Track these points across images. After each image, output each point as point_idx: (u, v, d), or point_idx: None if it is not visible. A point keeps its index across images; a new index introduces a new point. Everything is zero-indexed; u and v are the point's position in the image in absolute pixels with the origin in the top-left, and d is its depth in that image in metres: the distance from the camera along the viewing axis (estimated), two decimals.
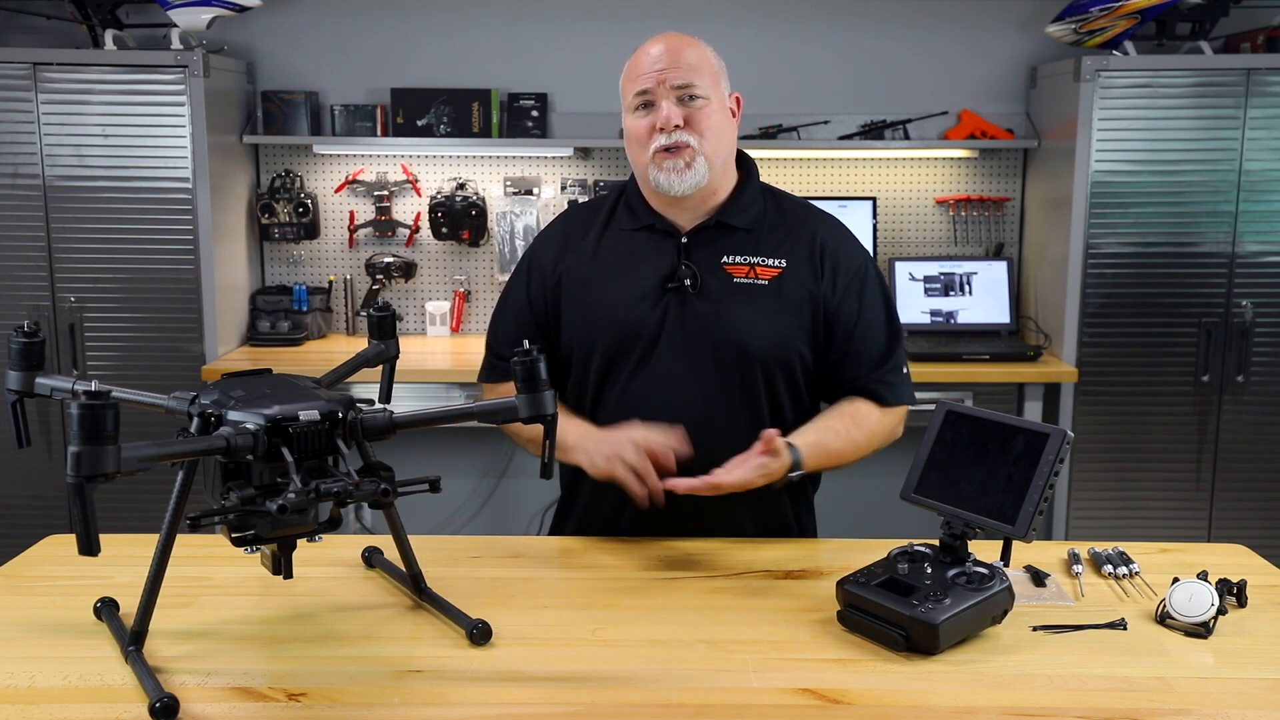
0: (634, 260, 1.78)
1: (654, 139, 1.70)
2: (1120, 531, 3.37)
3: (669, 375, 1.74)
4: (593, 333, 1.77)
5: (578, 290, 1.79)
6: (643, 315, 1.74)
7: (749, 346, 1.73)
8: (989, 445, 1.39)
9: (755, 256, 1.76)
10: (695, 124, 1.70)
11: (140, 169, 3.26)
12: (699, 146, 1.70)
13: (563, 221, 1.90)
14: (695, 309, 1.74)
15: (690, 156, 1.70)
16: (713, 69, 1.73)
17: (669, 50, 1.71)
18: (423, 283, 3.83)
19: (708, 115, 1.71)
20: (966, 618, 1.31)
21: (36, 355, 1.44)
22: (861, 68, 3.73)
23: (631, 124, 1.74)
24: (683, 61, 1.70)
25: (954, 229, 3.78)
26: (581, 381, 1.80)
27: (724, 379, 1.74)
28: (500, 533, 1.81)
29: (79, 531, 1.09)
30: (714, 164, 1.72)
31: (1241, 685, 1.24)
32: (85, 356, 3.32)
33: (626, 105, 1.75)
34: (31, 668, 1.26)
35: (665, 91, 1.70)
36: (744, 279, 1.75)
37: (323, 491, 1.16)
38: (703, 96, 1.70)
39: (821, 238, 1.79)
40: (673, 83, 1.69)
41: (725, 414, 1.74)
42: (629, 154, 1.78)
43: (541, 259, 1.84)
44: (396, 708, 1.18)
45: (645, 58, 1.72)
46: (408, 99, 3.59)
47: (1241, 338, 3.31)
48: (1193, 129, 3.24)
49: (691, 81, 1.69)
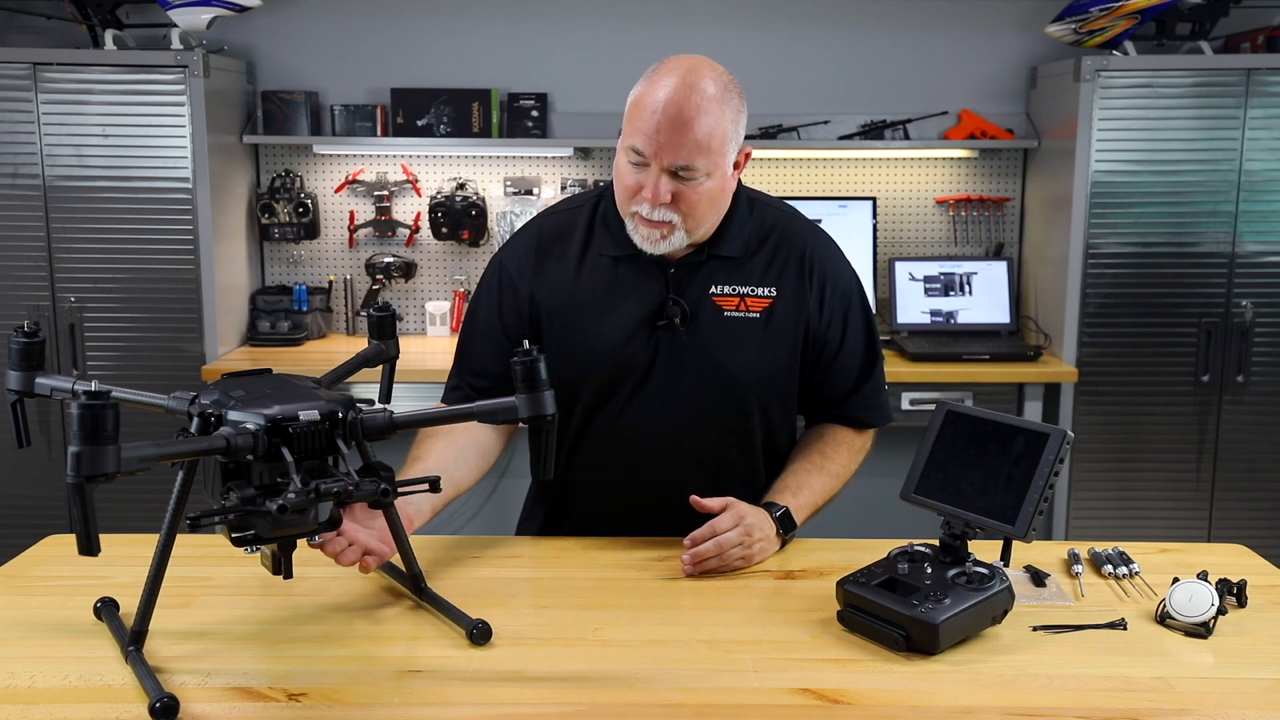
0: (620, 292, 1.69)
1: (638, 200, 1.59)
2: (1120, 531, 3.37)
3: (660, 409, 1.69)
4: (579, 369, 1.68)
5: (560, 322, 1.70)
6: (633, 354, 1.68)
7: (742, 381, 1.69)
8: (989, 445, 1.39)
9: (745, 286, 1.69)
10: (684, 202, 1.58)
11: (140, 169, 3.26)
12: (680, 224, 1.59)
13: (535, 234, 1.76)
14: (685, 344, 1.68)
15: (668, 231, 1.60)
16: (722, 137, 1.56)
17: (678, 119, 1.53)
18: (423, 283, 3.83)
19: (699, 194, 1.58)
20: (966, 618, 1.31)
21: (36, 355, 1.44)
22: (861, 68, 3.73)
23: (622, 163, 1.61)
24: (688, 139, 1.53)
25: (954, 229, 3.78)
26: (566, 413, 1.70)
27: (716, 412, 1.71)
28: (500, 533, 1.80)
29: (79, 531, 1.09)
30: (695, 233, 1.63)
31: (1241, 685, 1.24)
32: (85, 356, 3.32)
33: (622, 137, 1.61)
34: (31, 668, 1.26)
35: (660, 164, 1.56)
36: (734, 312, 1.68)
37: (323, 491, 1.16)
38: (700, 176, 1.57)
39: (810, 254, 1.72)
40: (667, 162, 1.55)
41: (717, 445, 1.73)
42: (614, 186, 1.66)
43: (514, 279, 1.74)
44: (396, 708, 1.18)
45: (651, 112, 1.54)
46: (408, 99, 3.59)
47: (1241, 338, 3.31)
48: (1193, 129, 3.24)
49: (691, 163, 1.55)
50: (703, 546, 1.55)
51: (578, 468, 1.76)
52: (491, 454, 1.73)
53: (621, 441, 1.71)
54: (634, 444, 1.71)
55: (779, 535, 1.62)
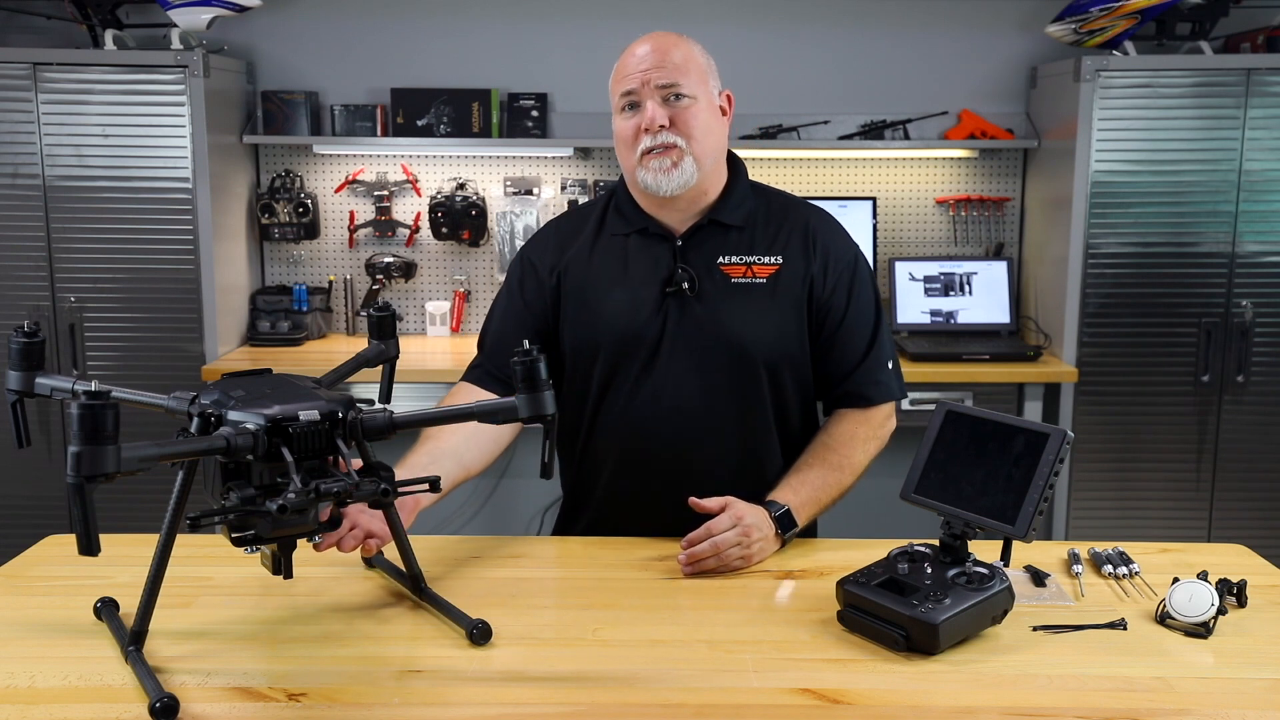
0: (630, 265, 1.77)
1: (640, 140, 1.69)
2: (1120, 531, 3.37)
3: (673, 380, 1.74)
4: (594, 339, 1.76)
5: (576, 295, 1.79)
6: (644, 321, 1.74)
7: (750, 347, 1.73)
8: (989, 445, 1.39)
9: (751, 255, 1.75)
10: (682, 124, 1.68)
11: (140, 169, 3.26)
12: (686, 147, 1.68)
13: (554, 226, 1.89)
14: (695, 312, 1.73)
15: (677, 156, 1.68)
16: (700, 67, 1.71)
17: (654, 50, 1.69)
18: (423, 283, 3.83)
19: (694, 114, 1.69)
20: (966, 618, 1.31)
21: (36, 355, 1.44)
22: (861, 68, 3.72)
23: (619, 125, 1.73)
24: (668, 61, 1.68)
25: (954, 229, 3.78)
26: (583, 386, 1.79)
27: (728, 380, 1.74)
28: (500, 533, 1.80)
29: (79, 531, 1.09)
30: (703, 163, 1.71)
31: (1241, 685, 1.24)
32: (85, 356, 3.32)
33: (614, 107, 1.74)
34: (31, 668, 1.26)
35: (650, 92, 1.68)
36: (741, 279, 1.74)
37: (323, 491, 1.16)
38: (689, 96, 1.69)
39: (813, 228, 1.79)
40: (657, 83, 1.67)
41: (731, 415, 1.75)
42: (619, 156, 1.77)
43: (535, 263, 1.83)
44: (396, 708, 1.18)
45: (631, 59, 1.71)
46: (408, 99, 3.59)
47: (1241, 338, 3.31)
48: (1193, 129, 3.24)
49: (677, 81, 1.68)
50: (699, 547, 1.55)
51: (598, 438, 1.80)
52: (504, 439, 1.76)
53: (636, 418, 1.74)
54: (648, 420, 1.73)
55: (778, 535, 1.62)
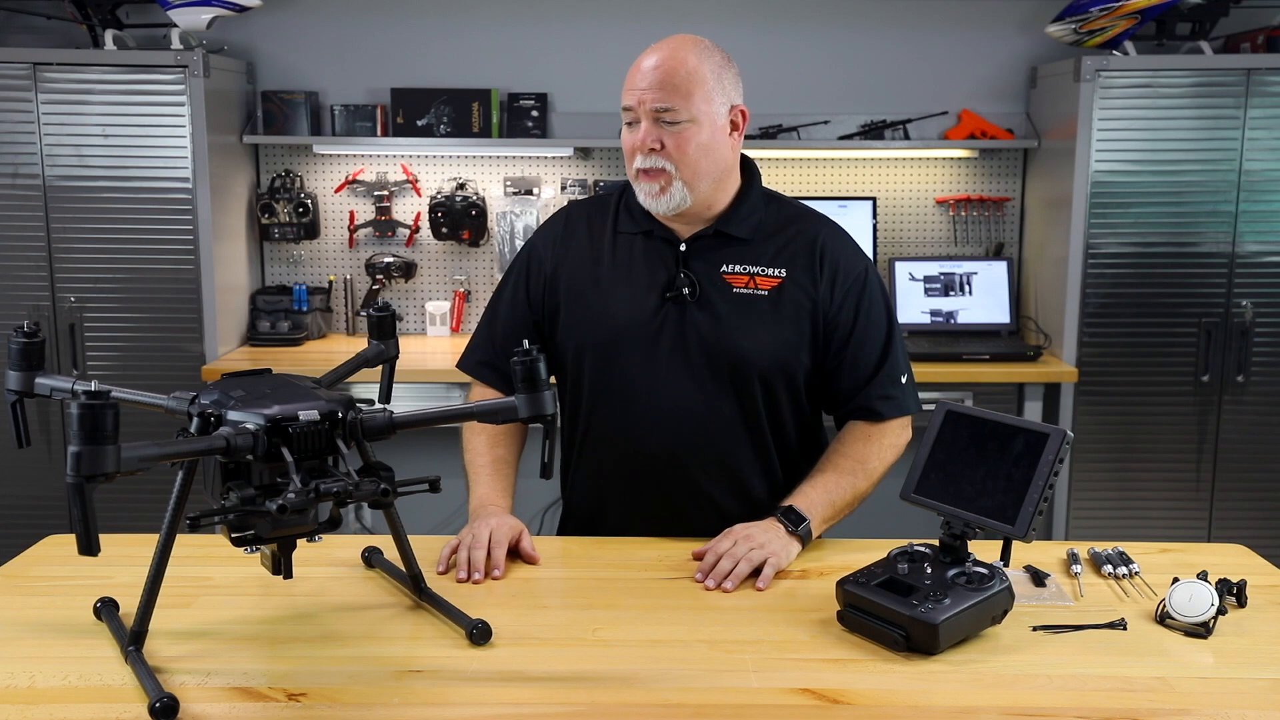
0: (633, 266, 1.76)
1: (635, 157, 1.68)
2: (1120, 531, 3.37)
3: (668, 385, 1.72)
4: (589, 336, 1.76)
5: (575, 291, 1.78)
6: (641, 323, 1.73)
7: (748, 357, 1.71)
8: (989, 445, 1.39)
9: (755, 266, 1.73)
10: (674, 148, 1.65)
11: (140, 169, 3.26)
12: (675, 172, 1.66)
13: (564, 218, 1.87)
14: (694, 318, 1.72)
15: (665, 182, 1.67)
16: (705, 85, 1.65)
17: (658, 67, 1.65)
18: (423, 283, 3.83)
19: (688, 139, 1.65)
20: (966, 618, 1.31)
21: (36, 355, 1.44)
22: (861, 68, 3.72)
23: (623, 135, 1.72)
24: (669, 82, 1.63)
25: (954, 229, 3.78)
26: (577, 385, 1.79)
27: (723, 389, 1.72)
28: None
29: (79, 531, 1.09)
30: (695, 186, 1.68)
31: (1241, 685, 1.24)
32: (85, 356, 3.32)
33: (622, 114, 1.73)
34: (31, 668, 1.26)
35: (645, 112, 1.65)
36: (743, 289, 1.72)
37: (323, 491, 1.16)
38: (685, 120, 1.64)
39: (822, 242, 1.76)
40: (651, 105, 1.64)
41: (724, 423, 1.73)
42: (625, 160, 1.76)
43: (541, 255, 1.83)
44: (396, 708, 1.18)
45: (636, 72, 1.67)
46: (408, 99, 3.59)
47: (1241, 338, 3.31)
48: (1193, 129, 3.24)
49: (673, 105, 1.63)
50: (707, 560, 1.56)
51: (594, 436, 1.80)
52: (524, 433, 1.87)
53: (630, 422, 1.74)
54: (642, 425, 1.73)
55: (790, 532, 1.61)
